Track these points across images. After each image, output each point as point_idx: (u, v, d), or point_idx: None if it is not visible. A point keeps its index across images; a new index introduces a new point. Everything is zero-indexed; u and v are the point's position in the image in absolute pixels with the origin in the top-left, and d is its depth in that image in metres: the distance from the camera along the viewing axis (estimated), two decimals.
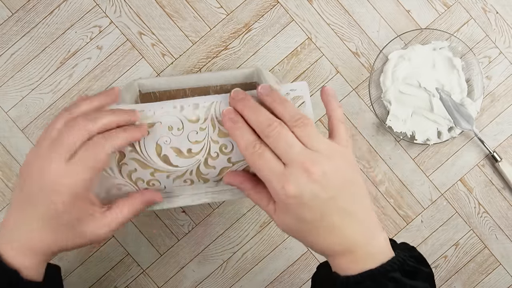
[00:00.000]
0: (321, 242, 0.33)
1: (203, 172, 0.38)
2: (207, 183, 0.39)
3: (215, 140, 0.37)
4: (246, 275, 0.61)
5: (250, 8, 0.61)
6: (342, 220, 0.33)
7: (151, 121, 0.37)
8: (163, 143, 0.37)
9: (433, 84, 0.60)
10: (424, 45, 0.60)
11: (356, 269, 0.33)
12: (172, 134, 0.37)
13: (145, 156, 0.37)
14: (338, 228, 0.33)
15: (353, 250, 0.33)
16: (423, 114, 0.60)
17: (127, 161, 0.37)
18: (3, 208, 0.60)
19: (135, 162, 0.37)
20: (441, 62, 0.60)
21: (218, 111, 0.37)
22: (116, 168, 0.37)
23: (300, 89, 0.38)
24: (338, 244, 0.33)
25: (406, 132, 0.60)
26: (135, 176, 0.38)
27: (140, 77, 0.46)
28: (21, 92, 0.60)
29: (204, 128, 0.37)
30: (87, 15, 0.60)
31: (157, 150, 0.37)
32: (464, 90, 0.60)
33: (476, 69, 0.59)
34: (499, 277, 0.62)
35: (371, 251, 0.33)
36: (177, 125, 0.37)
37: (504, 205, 0.62)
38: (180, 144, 0.37)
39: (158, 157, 0.37)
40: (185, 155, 0.37)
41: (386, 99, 0.60)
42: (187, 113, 0.37)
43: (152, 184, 0.38)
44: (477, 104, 0.59)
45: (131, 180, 0.38)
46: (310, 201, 0.31)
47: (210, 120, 0.37)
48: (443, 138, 0.60)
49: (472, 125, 0.59)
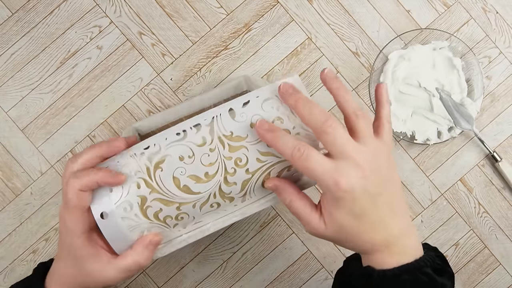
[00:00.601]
0: (365, 237, 0.34)
1: (226, 191, 0.37)
2: (233, 202, 0.38)
3: (228, 156, 0.36)
4: (246, 275, 0.61)
5: (250, 8, 0.61)
6: (387, 215, 0.34)
7: (160, 157, 0.36)
8: (180, 175, 0.36)
9: (433, 84, 0.60)
10: (424, 45, 0.60)
11: (391, 263, 0.34)
12: (185, 163, 0.36)
13: (166, 193, 0.36)
14: (383, 222, 0.34)
15: (391, 245, 0.34)
16: (423, 114, 0.60)
17: (150, 203, 0.36)
18: (3, 208, 0.60)
19: (158, 202, 0.36)
20: (441, 62, 0.60)
21: (222, 126, 0.36)
22: (140, 212, 0.36)
23: (293, 82, 0.36)
24: (380, 239, 0.34)
25: (406, 132, 0.60)
26: (162, 215, 0.37)
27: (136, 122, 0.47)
28: (21, 92, 0.60)
29: (214, 148, 0.36)
30: (87, 15, 0.60)
31: (176, 183, 0.36)
32: (464, 90, 0.60)
33: (476, 69, 0.59)
34: (499, 277, 0.62)
35: (406, 247, 0.35)
36: (186, 153, 0.36)
37: (504, 205, 0.62)
38: (196, 170, 0.36)
39: (179, 190, 0.36)
40: (204, 179, 0.36)
41: None
42: (192, 138, 0.36)
43: (181, 218, 0.37)
44: (477, 104, 0.59)
45: (160, 220, 0.37)
46: (360, 196, 0.32)
47: (218, 139, 0.36)
48: (443, 138, 0.60)
49: (472, 125, 0.59)
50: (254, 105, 0.36)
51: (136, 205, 0.36)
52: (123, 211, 0.36)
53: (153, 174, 0.36)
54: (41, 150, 0.60)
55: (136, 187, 0.36)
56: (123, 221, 0.36)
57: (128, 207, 0.36)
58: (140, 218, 0.36)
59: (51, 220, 0.61)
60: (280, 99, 0.36)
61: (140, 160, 0.36)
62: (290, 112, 0.36)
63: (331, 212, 0.34)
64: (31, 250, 0.61)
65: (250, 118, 0.36)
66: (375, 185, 0.33)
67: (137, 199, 0.36)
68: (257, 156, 0.36)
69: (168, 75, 0.61)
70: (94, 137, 0.61)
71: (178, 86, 0.61)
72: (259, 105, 0.36)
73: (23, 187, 0.60)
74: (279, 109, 0.36)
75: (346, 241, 0.35)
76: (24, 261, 0.61)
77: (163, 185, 0.36)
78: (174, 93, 0.61)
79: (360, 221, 0.33)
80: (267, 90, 0.36)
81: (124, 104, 0.61)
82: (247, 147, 0.36)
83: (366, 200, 0.33)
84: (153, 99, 0.61)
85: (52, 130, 0.60)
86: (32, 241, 0.61)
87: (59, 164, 0.61)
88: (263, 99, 0.36)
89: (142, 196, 0.36)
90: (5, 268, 0.60)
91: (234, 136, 0.36)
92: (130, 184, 0.36)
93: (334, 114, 0.62)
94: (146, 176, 0.36)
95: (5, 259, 0.61)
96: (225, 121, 0.36)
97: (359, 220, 0.33)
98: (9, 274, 0.61)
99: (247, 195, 0.38)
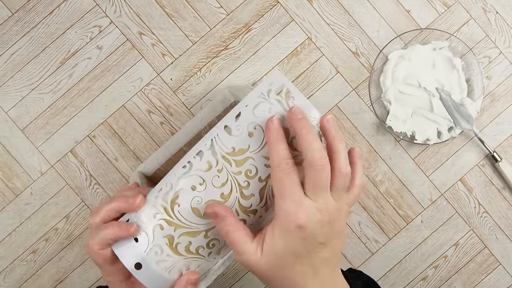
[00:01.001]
0: (298, 280, 0.35)
1: (247, 205, 0.37)
2: (257, 214, 0.38)
3: (237, 172, 0.36)
4: (246, 275, 0.61)
5: (250, 8, 0.61)
6: (320, 266, 0.35)
7: (174, 194, 0.36)
8: (197, 204, 0.36)
9: (433, 84, 0.60)
10: (424, 45, 0.60)
11: None
12: (199, 191, 0.36)
13: (190, 225, 0.36)
14: (315, 272, 0.35)
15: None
16: (423, 114, 0.60)
17: (179, 240, 0.36)
18: (3, 208, 0.60)
19: (185, 236, 0.36)
20: (441, 62, 0.60)
21: (222, 145, 0.36)
22: (172, 252, 0.36)
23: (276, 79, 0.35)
24: None
25: (406, 132, 0.60)
26: (193, 248, 0.37)
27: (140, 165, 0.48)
28: (21, 92, 0.60)
29: (221, 168, 0.36)
30: (87, 15, 0.60)
31: (196, 213, 0.36)
32: (464, 90, 0.60)
33: (476, 69, 0.59)
34: (499, 277, 0.62)
35: None
36: (197, 181, 0.36)
37: (504, 205, 0.62)
38: (211, 195, 0.36)
39: (201, 218, 0.36)
40: (221, 200, 0.36)
41: (386, 99, 0.60)
42: (198, 166, 0.36)
43: (212, 245, 0.38)
44: (477, 104, 0.59)
45: (193, 253, 0.37)
46: (308, 238, 0.33)
47: (222, 158, 0.36)
48: (443, 138, 0.60)
49: (472, 125, 0.59)
50: (246, 115, 0.36)
51: (166, 246, 0.36)
52: (155, 256, 0.36)
53: (172, 212, 0.36)
54: (41, 150, 0.60)
55: (159, 229, 0.36)
56: (158, 265, 0.36)
57: (159, 250, 0.36)
58: (174, 257, 0.36)
59: (51, 220, 0.61)
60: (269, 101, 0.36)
61: (157, 203, 0.37)
62: (283, 110, 0.36)
63: (274, 242, 0.34)
64: (31, 250, 0.61)
65: (247, 128, 0.36)
66: (323, 236, 0.34)
67: (164, 240, 0.36)
68: (264, 162, 0.36)
69: (168, 75, 0.61)
70: (94, 137, 0.61)
71: (178, 86, 0.61)
72: (250, 113, 0.36)
73: (23, 187, 0.60)
74: (271, 111, 0.36)
75: (274, 278, 0.35)
76: (24, 261, 0.61)
77: (185, 219, 0.36)
78: (174, 93, 0.61)
79: (295, 260, 0.34)
80: (254, 95, 0.36)
81: (124, 104, 0.61)
82: (252, 157, 0.36)
83: (309, 244, 0.34)
84: (153, 99, 0.61)
85: (52, 130, 0.60)
86: (32, 241, 0.61)
87: (59, 164, 0.61)
88: (253, 106, 0.36)
89: (168, 235, 0.36)
90: (5, 268, 0.60)
91: (237, 151, 0.36)
92: (153, 228, 0.36)
93: (335, 114, 0.62)
94: (166, 216, 0.36)
95: (5, 259, 0.61)
96: (224, 140, 0.36)
97: (294, 259, 0.34)
98: (9, 274, 0.61)
99: (267, 202, 0.38)
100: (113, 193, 0.61)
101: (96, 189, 0.61)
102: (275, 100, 0.35)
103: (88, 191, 0.61)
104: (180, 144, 0.48)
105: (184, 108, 0.61)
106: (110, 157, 0.61)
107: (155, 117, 0.61)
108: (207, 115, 0.48)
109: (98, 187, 0.61)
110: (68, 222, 0.61)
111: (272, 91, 0.36)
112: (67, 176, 0.61)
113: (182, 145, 0.48)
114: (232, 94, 0.48)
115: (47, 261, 0.61)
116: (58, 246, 0.61)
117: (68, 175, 0.61)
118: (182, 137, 0.48)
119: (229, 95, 0.48)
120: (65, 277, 0.61)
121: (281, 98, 0.36)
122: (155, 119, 0.61)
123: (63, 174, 0.61)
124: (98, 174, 0.61)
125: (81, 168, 0.61)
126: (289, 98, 0.36)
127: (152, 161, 0.48)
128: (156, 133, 0.61)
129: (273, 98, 0.35)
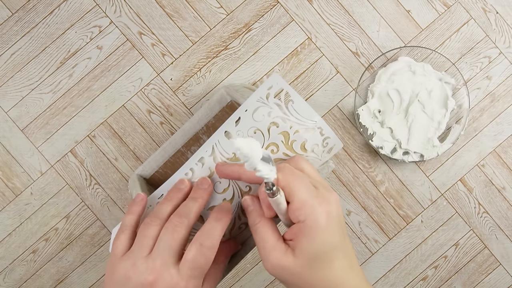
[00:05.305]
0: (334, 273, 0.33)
1: None
2: None
3: None
4: (246, 275, 0.61)
5: (250, 8, 0.61)
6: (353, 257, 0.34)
7: None
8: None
9: (417, 108, 0.60)
10: (435, 70, 0.60)
11: None
12: None
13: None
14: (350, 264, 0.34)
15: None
16: (388, 122, 0.61)
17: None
18: (3, 208, 0.60)
19: None
20: (438, 94, 0.60)
21: (223, 151, 0.36)
22: None
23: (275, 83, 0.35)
24: None
25: (368, 128, 0.61)
26: None
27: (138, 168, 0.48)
28: (21, 92, 0.60)
29: None
30: (87, 15, 0.60)
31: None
32: (441, 130, 0.60)
33: (463, 120, 0.59)
34: (499, 277, 0.62)
35: None
36: None
37: (504, 205, 0.62)
38: (215, 201, 0.37)
39: None
40: None
41: (371, 90, 0.60)
42: (200, 173, 0.36)
43: None
44: (443, 148, 0.59)
45: None
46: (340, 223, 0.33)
47: None
48: (392, 155, 0.60)
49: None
50: (246, 120, 0.36)
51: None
52: None
53: None
54: (41, 150, 0.60)
55: None
56: None
57: None
58: None
59: (51, 220, 0.61)
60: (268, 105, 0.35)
61: None
62: (282, 114, 0.35)
63: (308, 242, 0.31)
64: (31, 250, 0.61)
65: (247, 133, 0.36)
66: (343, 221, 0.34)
67: None
68: None
69: (168, 75, 0.61)
70: (94, 137, 0.61)
71: (178, 86, 0.61)
72: (250, 118, 0.35)
73: (23, 187, 0.60)
74: (270, 114, 0.35)
75: (310, 279, 0.32)
76: (24, 261, 0.61)
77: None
78: (174, 93, 0.61)
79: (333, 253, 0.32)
80: (253, 100, 0.35)
81: (124, 104, 0.61)
82: None
83: (342, 229, 0.33)
84: (153, 99, 0.61)
85: (52, 130, 0.60)
86: (32, 241, 0.61)
87: (59, 164, 0.61)
88: (252, 111, 0.35)
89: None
90: (5, 268, 0.61)
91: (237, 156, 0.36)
92: None
93: (334, 114, 0.62)
94: None
95: (5, 259, 0.61)
96: (224, 145, 0.36)
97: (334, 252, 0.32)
98: (9, 274, 0.61)
99: None
100: (113, 193, 0.61)
101: (96, 189, 0.61)
102: (274, 104, 0.35)
103: (88, 191, 0.61)
104: (178, 145, 0.48)
105: (184, 108, 0.61)
106: (110, 157, 0.61)
107: (155, 117, 0.61)
108: (204, 116, 0.48)
109: (98, 187, 0.61)
110: (68, 222, 0.61)
111: (271, 95, 0.35)
112: (67, 176, 0.61)
113: (180, 146, 0.48)
114: (229, 94, 0.48)
115: (47, 261, 0.61)
116: (58, 246, 0.61)
117: (68, 175, 0.61)
118: (179, 138, 0.48)
119: (226, 95, 0.48)
120: (65, 277, 0.61)
121: (281, 101, 0.35)
122: (155, 119, 0.61)
123: (63, 174, 0.61)
124: (98, 174, 0.61)
125: (81, 168, 0.61)
126: (288, 101, 0.35)
127: (150, 164, 0.48)
128: (156, 133, 0.61)
129: (272, 102, 0.35)
